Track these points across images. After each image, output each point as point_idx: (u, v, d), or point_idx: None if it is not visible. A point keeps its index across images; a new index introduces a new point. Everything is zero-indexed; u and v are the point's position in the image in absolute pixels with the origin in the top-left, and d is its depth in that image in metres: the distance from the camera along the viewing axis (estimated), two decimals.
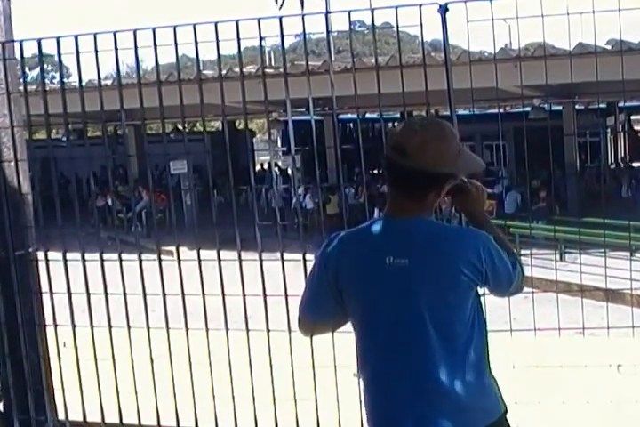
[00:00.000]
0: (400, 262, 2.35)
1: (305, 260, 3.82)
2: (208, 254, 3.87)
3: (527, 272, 2.63)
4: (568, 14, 3.74)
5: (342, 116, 29.61)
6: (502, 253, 2.46)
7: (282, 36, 3.71)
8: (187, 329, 3.95)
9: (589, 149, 28.23)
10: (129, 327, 4.01)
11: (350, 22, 3.71)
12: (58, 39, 3.85)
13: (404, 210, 2.40)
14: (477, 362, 2.42)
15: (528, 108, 19.37)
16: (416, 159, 2.31)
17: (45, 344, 4.26)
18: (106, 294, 4.02)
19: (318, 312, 2.55)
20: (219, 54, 3.83)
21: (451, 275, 2.35)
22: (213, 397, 3.94)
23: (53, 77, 23.48)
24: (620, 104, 25.50)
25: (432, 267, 2.36)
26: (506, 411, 2.49)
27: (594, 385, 5.23)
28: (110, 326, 4.08)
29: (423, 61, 3.79)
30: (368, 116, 28.82)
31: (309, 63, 4.43)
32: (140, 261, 3.98)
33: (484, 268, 2.38)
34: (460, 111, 22.13)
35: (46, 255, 4.13)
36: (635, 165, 27.24)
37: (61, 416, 4.28)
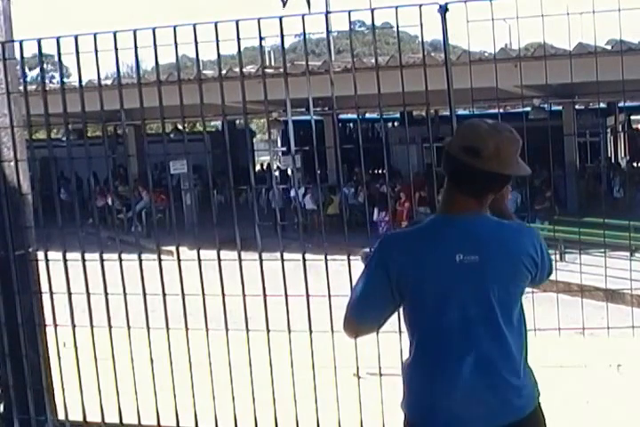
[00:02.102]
0: (470, 259, 2.42)
1: (305, 260, 3.82)
2: (208, 254, 3.87)
3: None
4: (568, 14, 3.74)
5: (342, 116, 29.59)
6: None
7: (282, 36, 3.71)
8: (187, 329, 3.95)
9: (589, 149, 28.20)
10: (129, 327, 4.01)
11: (350, 22, 3.71)
12: (58, 39, 3.85)
13: (465, 208, 2.47)
14: (525, 356, 2.55)
15: (528, 109, 19.37)
16: (490, 162, 2.40)
17: (45, 344, 4.26)
18: (106, 294, 4.02)
19: (368, 313, 2.53)
20: (219, 54, 3.83)
21: (517, 270, 2.47)
22: (213, 397, 3.94)
23: (53, 77, 23.49)
24: (620, 104, 25.48)
25: (501, 263, 2.45)
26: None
27: (594, 385, 5.23)
28: (110, 326, 4.08)
29: (423, 61, 3.80)
30: (368, 116, 28.80)
31: (309, 63, 4.43)
32: (140, 261, 3.98)
33: (539, 260, 2.52)
34: (460, 111, 22.14)
35: (46, 255, 4.13)
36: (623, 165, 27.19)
37: (61, 416, 4.28)
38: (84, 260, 4.03)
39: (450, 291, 2.43)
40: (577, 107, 23.63)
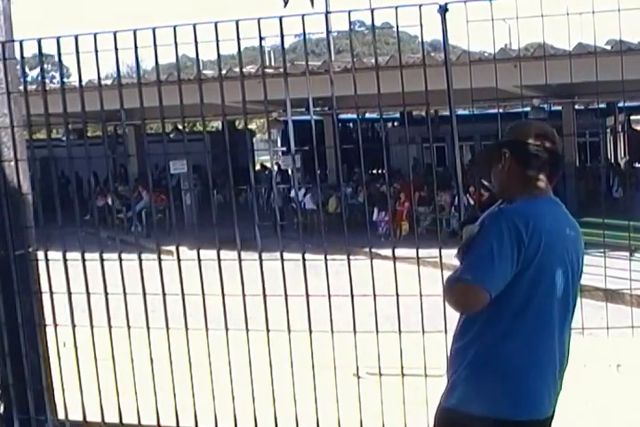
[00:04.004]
0: (572, 234, 2.66)
1: (304, 260, 3.82)
2: (208, 254, 3.87)
3: None
4: (568, 14, 3.74)
5: (342, 116, 29.58)
6: None
7: (282, 36, 3.71)
8: (187, 329, 3.95)
9: (589, 149, 28.19)
10: (129, 327, 4.01)
11: (350, 22, 3.71)
12: (58, 39, 3.85)
13: (547, 191, 2.69)
14: None
15: (528, 109, 19.36)
16: (559, 146, 2.71)
17: (45, 344, 4.26)
18: (106, 293, 4.02)
19: (499, 280, 2.50)
20: (219, 54, 3.83)
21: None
22: (213, 397, 3.94)
23: (53, 77, 23.50)
24: (620, 104, 25.47)
25: (581, 240, 2.73)
26: None
27: (593, 385, 5.23)
28: (110, 326, 4.08)
29: (423, 61, 3.80)
30: (368, 116, 28.79)
31: (309, 63, 4.43)
32: (140, 261, 3.98)
33: None
34: (460, 111, 22.12)
35: (46, 255, 4.13)
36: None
37: (61, 416, 4.28)
38: (83, 260, 4.03)
39: (562, 262, 2.59)
40: (577, 107, 23.61)
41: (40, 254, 4.17)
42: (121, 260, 4.03)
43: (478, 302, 2.48)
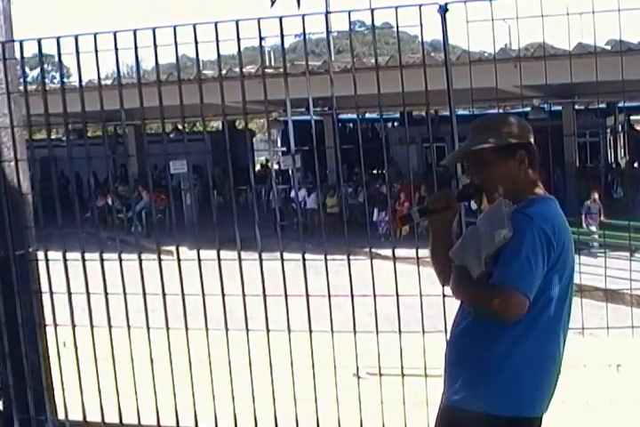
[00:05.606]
0: (570, 233, 2.66)
1: (304, 260, 3.82)
2: (208, 254, 3.87)
3: None
4: (568, 14, 3.74)
5: (342, 116, 29.57)
6: None
7: (282, 36, 3.71)
8: (187, 329, 3.95)
9: (589, 149, 28.18)
10: (129, 327, 4.01)
11: (350, 22, 3.71)
12: (58, 39, 3.85)
13: (544, 190, 2.71)
14: None
15: (528, 109, 19.35)
16: None
17: (45, 344, 4.26)
18: (106, 293, 4.02)
19: (535, 286, 2.50)
20: (219, 54, 3.83)
21: None
22: (213, 397, 3.94)
23: (53, 77, 23.49)
24: (620, 104, 25.46)
25: None
26: None
27: (593, 385, 5.23)
28: (110, 326, 4.08)
29: (423, 61, 3.80)
30: (368, 116, 28.77)
31: (309, 63, 4.43)
32: (140, 261, 3.98)
33: None
34: (460, 111, 22.12)
35: (46, 255, 4.13)
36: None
37: (61, 416, 4.28)
38: (84, 260, 4.03)
39: (571, 263, 2.63)
40: (577, 107, 23.60)
41: (40, 254, 4.17)
42: (121, 260, 4.03)
43: (523, 310, 2.47)
